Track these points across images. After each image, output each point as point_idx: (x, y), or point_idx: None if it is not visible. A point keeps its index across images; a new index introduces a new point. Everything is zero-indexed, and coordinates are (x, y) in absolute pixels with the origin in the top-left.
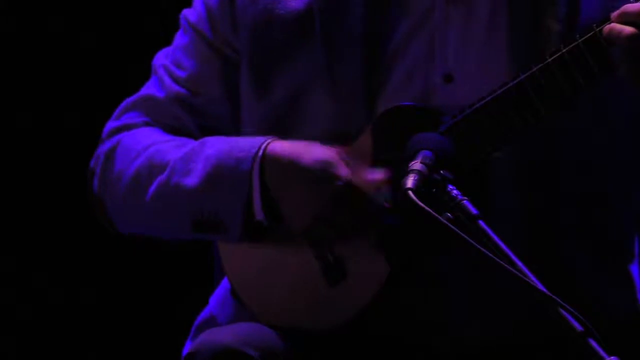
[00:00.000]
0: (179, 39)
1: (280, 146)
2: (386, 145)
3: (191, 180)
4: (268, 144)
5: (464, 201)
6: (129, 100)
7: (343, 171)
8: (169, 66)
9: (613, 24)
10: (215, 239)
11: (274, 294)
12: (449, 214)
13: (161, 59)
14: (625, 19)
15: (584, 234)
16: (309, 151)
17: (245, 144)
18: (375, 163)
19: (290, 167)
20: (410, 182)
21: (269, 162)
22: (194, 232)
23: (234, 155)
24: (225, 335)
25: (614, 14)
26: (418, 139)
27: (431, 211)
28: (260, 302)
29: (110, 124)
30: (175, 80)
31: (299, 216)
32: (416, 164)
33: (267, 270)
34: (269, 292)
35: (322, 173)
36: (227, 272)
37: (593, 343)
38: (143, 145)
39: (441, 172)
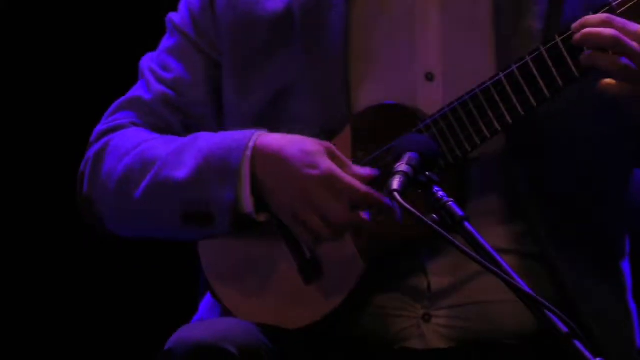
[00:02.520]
0: (165, 41)
1: (270, 138)
2: (365, 143)
3: (182, 173)
4: (259, 135)
5: (450, 202)
6: (116, 103)
7: (325, 160)
8: (155, 68)
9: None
10: (204, 233)
11: (250, 291)
12: (434, 215)
13: (147, 61)
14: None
15: (573, 230)
16: (296, 142)
17: (236, 136)
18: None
19: (277, 156)
20: (396, 183)
21: (258, 153)
22: (183, 225)
23: (225, 146)
24: (202, 331)
25: (575, 25)
26: (403, 140)
27: (417, 212)
28: (236, 298)
29: (98, 127)
30: (162, 81)
31: (285, 206)
32: (402, 166)
33: (244, 266)
34: (246, 289)
35: (304, 159)
36: (204, 268)
37: (578, 344)
38: (133, 143)
39: (427, 173)
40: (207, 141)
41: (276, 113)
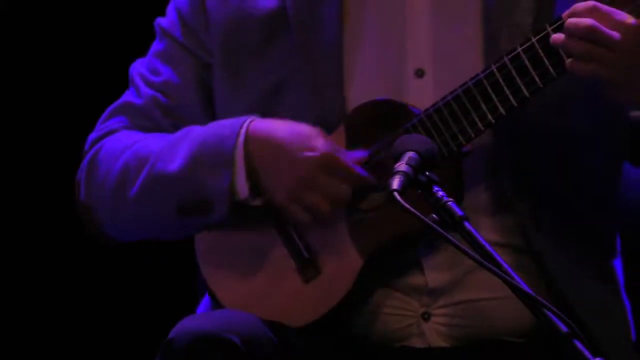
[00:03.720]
0: (154, 46)
1: (263, 122)
2: (359, 140)
3: (175, 165)
4: (251, 121)
5: (450, 202)
6: (107, 110)
7: (322, 142)
8: (144, 73)
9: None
10: (201, 223)
11: (249, 291)
12: (434, 215)
13: (137, 67)
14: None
15: (560, 225)
16: (289, 126)
17: (228, 123)
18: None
19: (271, 140)
20: (395, 183)
21: (251, 138)
22: (180, 218)
23: (218, 134)
24: (205, 321)
25: (565, 13)
26: (403, 140)
27: (416, 212)
28: (236, 299)
29: (91, 135)
30: (151, 85)
31: (283, 188)
32: (402, 166)
33: (242, 267)
34: (244, 289)
35: (301, 142)
36: (202, 269)
37: (578, 344)
38: (126, 144)
39: (427, 173)
40: (199, 131)
41: (269, 110)
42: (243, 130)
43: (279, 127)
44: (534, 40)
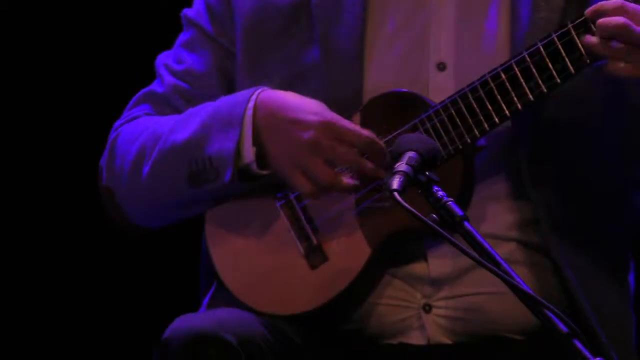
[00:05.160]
0: (181, 37)
1: (273, 92)
2: (374, 130)
3: (186, 133)
4: (262, 90)
5: (450, 202)
6: (133, 98)
7: (328, 111)
8: (169, 63)
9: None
10: (212, 191)
11: (256, 276)
12: (434, 215)
13: (163, 58)
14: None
15: (575, 223)
16: (299, 97)
17: (239, 93)
18: None
19: (279, 106)
20: (395, 183)
21: (261, 104)
22: (191, 188)
23: (230, 101)
24: (201, 320)
25: (588, 11)
26: (404, 139)
27: (416, 212)
28: (242, 284)
29: (117, 122)
30: (174, 74)
31: (284, 154)
32: (402, 165)
33: (250, 251)
34: (252, 274)
35: (308, 109)
36: (211, 253)
37: (578, 344)
38: (144, 127)
39: (427, 173)
40: (213, 104)
41: None
42: (254, 97)
43: (288, 96)
44: (554, 36)
